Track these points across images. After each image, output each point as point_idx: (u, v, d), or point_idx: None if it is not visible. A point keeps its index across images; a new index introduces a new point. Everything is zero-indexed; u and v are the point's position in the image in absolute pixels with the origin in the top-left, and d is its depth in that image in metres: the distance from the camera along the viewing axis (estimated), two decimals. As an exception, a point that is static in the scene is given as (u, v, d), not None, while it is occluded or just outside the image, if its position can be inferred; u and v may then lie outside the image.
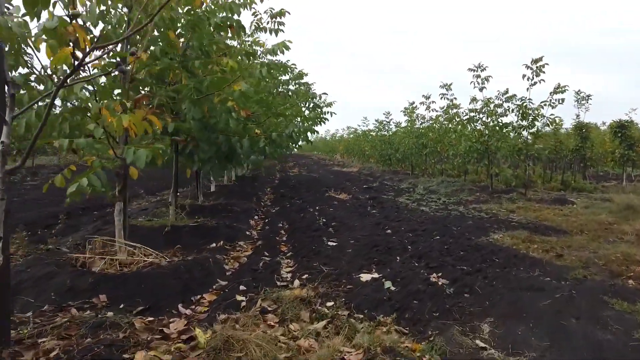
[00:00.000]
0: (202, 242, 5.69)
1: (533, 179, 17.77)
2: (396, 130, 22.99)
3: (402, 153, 21.36)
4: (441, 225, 7.46)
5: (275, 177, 19.38)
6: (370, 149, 28.31)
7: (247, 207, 8.73)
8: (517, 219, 9.12)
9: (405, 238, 6.16)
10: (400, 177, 20.94)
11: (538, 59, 11.68)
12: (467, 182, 15.74)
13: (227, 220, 7.37)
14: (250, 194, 10.64)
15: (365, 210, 9.24)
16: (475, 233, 7.00)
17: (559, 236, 7.19)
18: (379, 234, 6.38)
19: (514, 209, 10.47)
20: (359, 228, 7.01)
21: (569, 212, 10.11)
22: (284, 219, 8.14)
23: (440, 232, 6.71)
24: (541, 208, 10.50)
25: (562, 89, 11.83)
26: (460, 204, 11.65)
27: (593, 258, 5.60)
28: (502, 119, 12.95)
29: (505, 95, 12.83)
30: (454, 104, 15.30)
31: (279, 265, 5.00)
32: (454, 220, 8.30)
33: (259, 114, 6.22)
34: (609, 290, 4.06)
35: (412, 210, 9.57)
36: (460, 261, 4.88)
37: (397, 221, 7.79)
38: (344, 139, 41.36)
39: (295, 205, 10.00)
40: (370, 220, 7.69)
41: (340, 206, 9.78)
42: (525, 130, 12.12)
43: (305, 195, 11.80)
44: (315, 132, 12.89)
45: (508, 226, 7.72)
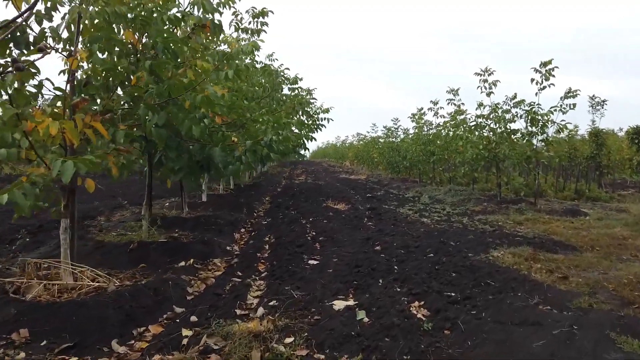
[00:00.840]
0: (170, 260, 5.22)
1: (544, 188, 17.06)
2: (404, 137, 22.41)
3: (410, 160, 20.78)
4: (438, 240, 6.90)
5: (278, 185, 18.93)
6: (379, 156, 27.75)
7: (235, 219, 8.27)
8: (524, 232, 8.52)
9: (395, 256, 5.63)
10: (407, 185, 20.37)
11: (547, 62, 11.09)
12: (476, 191, 15.13)
13: (209, 234, 6.92)
14: (243, 205, 10.18)
15: (360, 223, 8.72)
16: (474, 249, 6.44)
17: (566, 253, 6.59)
18: (367, 251, 5.86)
19: (522, 221, 9.86)
20: (348, 243, 6.49)
21: (581, 224, 9.47)
22: (272, 232, 7.65)
23: (435, 248, 6.16)
24: (551, 220, 9.86)
25: (573, 93, 11.20)
26: (464, 214, 11.06)
27: (602, 281, 5.00)
28: (511, 125, 12.36)
29: (513, 100, 12.23)
30: (461, 110, 14.72)
31: (247, 288, 4.51)
32: (453, 234, 7.74)
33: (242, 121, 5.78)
34: (617, 324, 3.49)
35: (411, 223, 9.01)
36: (449, 286, 4.33)
37: (391, 235, 7.26)
38: (353, 146, 40.82)
39: (289, 216, 9.51)
40: (362, 235, 7.17)
41: (335, 217, 9.27)
42: (534, 137, 11.49)
43: (302, 206, 11.30)
44: (311, 139, 12.48)
45: (512, 241, 7.13)
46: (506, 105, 12.38)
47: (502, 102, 12.49)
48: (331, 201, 11.65)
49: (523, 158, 11.55)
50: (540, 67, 11.16)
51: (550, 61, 11.07)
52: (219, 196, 11.44)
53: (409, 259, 5.44)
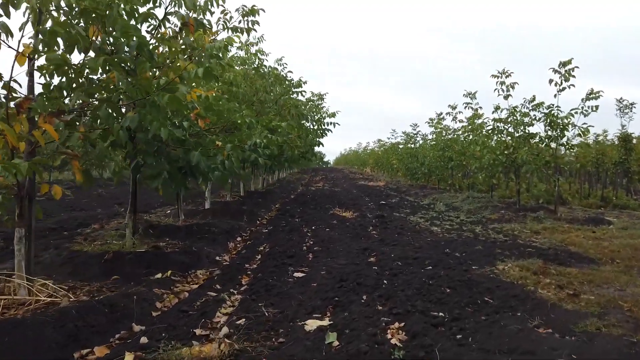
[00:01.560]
0: (147, 271, 4.92)
1: (568, 195, 16.28)
2: (422, 142, 21.88)
3: (428, 167, 20.23)
4: (441, 251, 6.45)
5: (293, 192, 18.61)
6: (398, 162, 27.21)
7: (233, 227, 7.96)
8: (539, 242, 7.97)
9: (389, 269, 5.20)
10: (425, 192, 19.82)
11: (567, 61, 10.49)
12: (495, 198, 14.51)
13: (200, 243, 6.62)
14: (247, 212, 9.88)
15: (364, 231, 8.30)
16: (478, 261, 5.95)
17: (582, 266, 6.04)
18: (359, 263, 5.45)
19: (539, 230, 9.27)
20: (343, 254, 6.09)
21: (603, 234, 8.83)
22: (269, 242, 7.31)
23: (436, 260, 5.70)
24: (570, 229, 9.24)
25: (595, 94, 10.55)
26: (479, 223, 10.51)
27: (617, 299, 4.48)
28: (529, 128, 11.76)
29: (532, 103, 11.64)
30: (477, 114, 14.17)
31: (219, 304, 4.16)
32: (461, 244, 7.25)
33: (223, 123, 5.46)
34: (626, 354, 3.01)
35: (419, 232, 8.55)
36: (438, 304, 3.89)
37: (392, 245, 6.83)
38: (373, 152, 40.31)
39: (292, 225, 9.16)
40: (361, 244, 6.75)
41: (339, 226, 8.88)
42: (553, 141, 10.88)
43: (309, 213, 10.95)
44: (319, 144, 12.13)
45: (523, 253, 6.60)
46: (524, 108, 11.81)
47: (520, 104, 11.92)
48: (339, 209, 11.26)
49: (542, 163, 10.94)
50: (559, 67, 10.57)
51: (569, 61, 10.47)
52: (224, 203, 11.18)
53: (403, 273, 5.01)
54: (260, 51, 11.96)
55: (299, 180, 30.62)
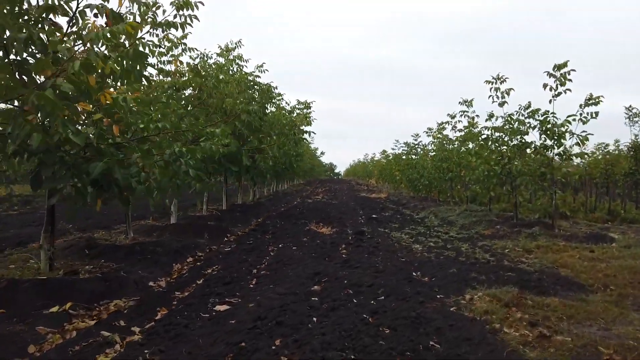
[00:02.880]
0: (43, 304, 4.20)
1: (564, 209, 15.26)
2: (421, 153, 21.07)
3: (427, 178, 19.37)
4: (406, 275, 5.65)
5: (284, 205, 17.85)
6: (400, 174, 26.37)
7: (186, 246, 7.24)
8: (527, 263, 7.12)
9: (329, 301, 4.42)
10: (425, 204, 18.99)
11: (562, 64, 9.67)
12: (493, 212, 13.60)
13: (138, 265, 5.92)
14: (214, 228, 9.17)
15: (332, 251, 7.52)
16: (445, 289, 5.14)
17: (567, 295, 5.19)
18: (299, 292, 4.66)
19: (532, 249, 8.41)
20: (291, 280, 5.31)
21: (602, 253, 7.93)
22: (221, 263, 6.57)
23: (393, 287, 4.91)
24: (566, 248, 8.35)
25: (595, 100, 9.67)
26: (468, 240, 9.66)
27: (598, 342, 3.64)
28: (525, 137, 10.91)
29: (527, 109, 10.80)
30: (472, 123, 13.34)
31: (101, 350, 3.41)
32: (435, 266, 6.44)
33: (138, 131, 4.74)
34: None
35: (394, 251, 7.74)
36: (362, 354, 3.10)
37: (354, 268, 6.04)
38: (378, 163, 39.45)
39: (259, 242, 8.43)
40: (318, 268, 5.97)
41: (309, 244, 8.12)
42: (549, 150, 10.01)
43: (286, 229, 10.20)
44: (293, 155, 11.37)
45: (501, 277, 5.76)
46: (519, 115, 10.97)
47: (515, 111, 11.08)
48: (321, 224, 10.48)
49: (537, 174, 10.07)
50: (554, 71, 9.75)
51: (565, 63, 9.65)
52: (195, 218, 10.49)
53: (344, 306, 4.22)
54: (239, 57, 11.35)
55: (299, 192, 29.91)
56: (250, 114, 8.32)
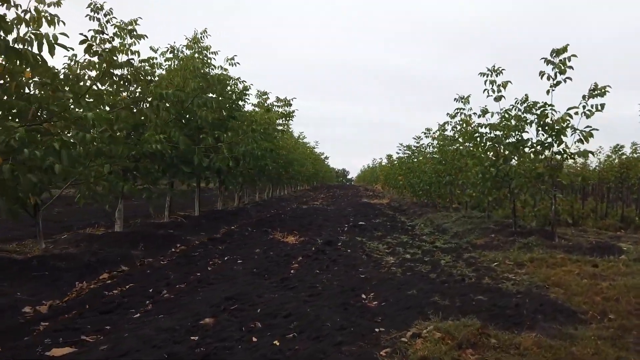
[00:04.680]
0: None
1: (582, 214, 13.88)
2: (419, 156, 19.85)
3: (426, 182, 18.12)
4: (345, 299, 4.51)
5: (272, 211, 16.73)
6: (403, 178, 25.12)
7: (106, 259, 6.18)
8: (514, 281, 5.91)
9: (212, 341, 3.27)
10: (424, 210, 17.78)
11: (561, 49, 8.43)
12: (492, 219, 12.29)
13: (29, 284, 4.86)
14: (163, 238, 8.11)
15: (280, 265, 6.41)
16: (391, 320, 3.98)
17: (550, 328, 3.97)
18: (180, 328, 3.52)
19: (525, 262, 7.17)
20: (191, 306, 4.18)
21: (607, 268, 6.65)
22: (136, 281, 5.47)
23: (315, 319, 3.75)
24: (565, 261, 7.08)
25: (601, 90, 8.40)
26: (454, 250, 8.45)
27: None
28: (523, 134, 9.65)
29: (524, 103, 9.55)
30: (467, 120, 12.10)
31: None
32: (395, 285, 5.27)
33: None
34: None
35: (356, 265, 6.58)
36: None
37: (288, 288, 4.92)
38: (384, 168, 38.18)
39: (206, 253, 7.37)
40: (240, 289, 4.83)
41: (258, 257, 7.03)
42: (548, 148, 8.75)
43: (251, 237, 9.12)
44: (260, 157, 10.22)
45: (469, 302, 4.57)
46: (515, 109, 9.73)
47: (511, 105, 9.84)
48: (282, 233, 9.32)
49: (533, 176, 8.80)
50: (552, 57, 8.51)
51: (565, 48, 8.41)
52: (152, 225, 9.43)
53: (229, 350, 3.08)
54: (206, 48, 10.33)
55: (299, 197, 28.78)
56: (200, 106, 7.22)
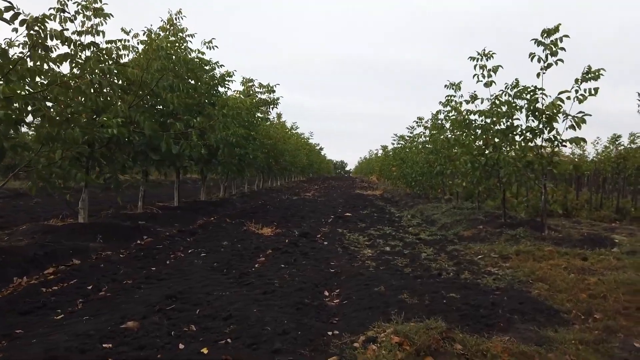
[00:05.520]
0: None
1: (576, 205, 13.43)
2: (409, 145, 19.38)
3: (418, 173, 17.65)
4: (302, 297, 4.06)
5: (259, 202, 16.25)
6: (397, 169, 24.66)
7: (55, 252, 5.71)
8: (496, 276, 5.50)
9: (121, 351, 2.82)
10: (416, 201, 17.30)
11: (552, 29, 7.94)
12: (482, 210, 11.83)
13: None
14: (130, 230, 7.66)
15: (246, 259, 5.97)
16: (348, 321, 3.54)
17: (526, 330, 3.53)
18: (81, 347, 3.06)
19: (510, 255, 6.74)
20: (123, 307, 3.73)
21: (597, 262, 6.22)
22: (83, 277, 5.01)
23: (257, 321, 3.31)
24: (552, 254, 6.65)
25: (594, 73, 7.91)
26: (439, 242, 8.03)
27: None
28: (514, 121, 9.16)
29: (514, 88, 9.06)
30: (456, 107, 11.59)
31: None
32: (363, 281, 4.83)
33: None
34: None
35: (328, 259, 6.13)
36: None
37: (244, 285, 4.47)
38: (378, 159, 37.70)
39: (172, 246, 6.93)
40: (188, 285, 4.39)
41: (225, 250, 6.59)
42: (537, 135, 8.27)
43: (224, 229, 8.65)
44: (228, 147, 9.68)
45: (439, 300, 4.13)
46: (505, 95, 9.23)
47: (501, 91, 9.34)
48: (256, 224, 8.85)
49: (522, 164, 8.33)
50: (543, 38, 8.02)
51: (557, 28, 7.91)
52: (122, 217, 8.96)
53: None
54: (181, 30, 9.82)
55: (292, 189, 28.28)
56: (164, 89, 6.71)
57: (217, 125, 7.63)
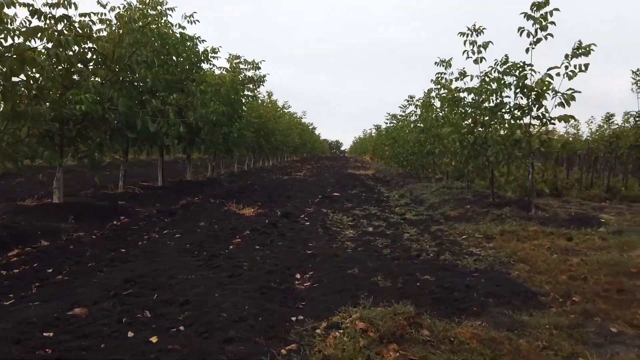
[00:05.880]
0: None
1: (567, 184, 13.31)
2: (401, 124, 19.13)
3: (409, 152, 17.44)
4: (269, 280, 3.91)
5: (248, 182, 16.04)
6: (389, 148, 24.43)
7: (21, 234, 5.52)
8: (477, 256, 5.35)
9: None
10: (407, 181, 17.14)
11: (542, 2, 7.66)
12: (471, 190, 11.66)
13: None
14: (106, 210, 7.46)
15: (222, 240, 5.81)
16: (316, 305, 3.39)
17: (499, 314, 3.39)
18: (18, 336, 2.88)
19: (495, 234, 6.60)
20: (76, 293, 3.56)
21: (582, 242, 6.09)
22: (46, 262, 4.81)
23: (215, 306, 3.15)
24: (537, 234, 6.51)
25: (585, 49, 7.66)
26: (423, 222, 7.89)
27: None
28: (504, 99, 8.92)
29: (504, 65, 8.80)
30: (445, 84, 11.33)
31: None
32: (338, 263, 4.67)
33: None
34: None
35: (307, 240, 5.98)
36: None
37: (211, 268, 4.31)
38: (372, 139, 37.41)
39: (148, 226, 6.75)
40: (152, 268, 4.21)
41: (202, 231, 6.41)
42: (526, 113, 8.06)
43: (205, 210, 8.47)
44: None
45: (412, 284, 3.97)
46: (494, 71, 8.97)
47: (490, 67, 9.08)
48: (236, 204, 8.67)
49: (510, 143, 8.14)
50: (532, 11, 7.75)
51: (547, 1, 7.63)
52: (101, 197, 8.75)
53: None
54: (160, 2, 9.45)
55: (284, 168, 28.03)
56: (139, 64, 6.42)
57: (196, 102, 7.37)
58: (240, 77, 11.91)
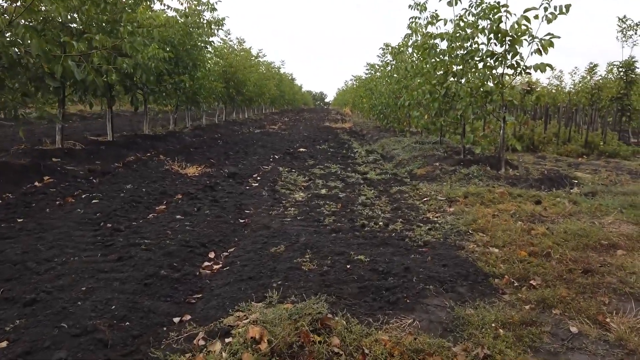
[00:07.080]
0: None
1: (545, 139, 12.70)
2: (375, 75, 18.18)
3: (383, 104, 16.58)
4: (158, 267, 3.19)
5: (214, 136, 15.12)
6: (366, 100, 23.46)
7: None
8: (432, 224, 4.74)
9: None
10: (382, 135, 16.39)
11: None
12: (443, 146, 10.97)
13: None
14: (26, 170, 6.61)
15: (139, 209, 5.04)
16: (206, 301, 2.71)
17: (436, 307, 2.77)
18: None
19: (458, 197, 5.97)
20: None
21: (551, 206, 5.49)
22: None
23: (60, 315, 2.43)
24: (504, 197, 5.89)
25: (566, -11, 6.80)
26: (385, 183, 7.24)
27: None
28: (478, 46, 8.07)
29: (478, 7, 7.90)
30: (417, 30, 10.39)
31: None
32: (263, 238, 3.98)
33: None
34: None
35: (242, 208, 5.26)
36: None
37: (93, 250, 3.57)
38: (352, 90, 36.20)
39: (62, 190, 5.93)
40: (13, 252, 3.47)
41: (125, 195, 5.62)
42: (501, 62, 7.26)
43: (145, 169, 7.67)
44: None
45: (340, 267, 3.31)
46: (469, 14, 8.09)
47: (464, 9, 8.18)
48: (182, 163, 7.87)
49: (480, 95, 7.37)
50: (510, -56, 6.80)
51: None
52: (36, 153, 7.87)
53: None
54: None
55: (258, 121, 26.95)
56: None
57: (124, 45, 6.42)
58: (196, 20, 10.77)
